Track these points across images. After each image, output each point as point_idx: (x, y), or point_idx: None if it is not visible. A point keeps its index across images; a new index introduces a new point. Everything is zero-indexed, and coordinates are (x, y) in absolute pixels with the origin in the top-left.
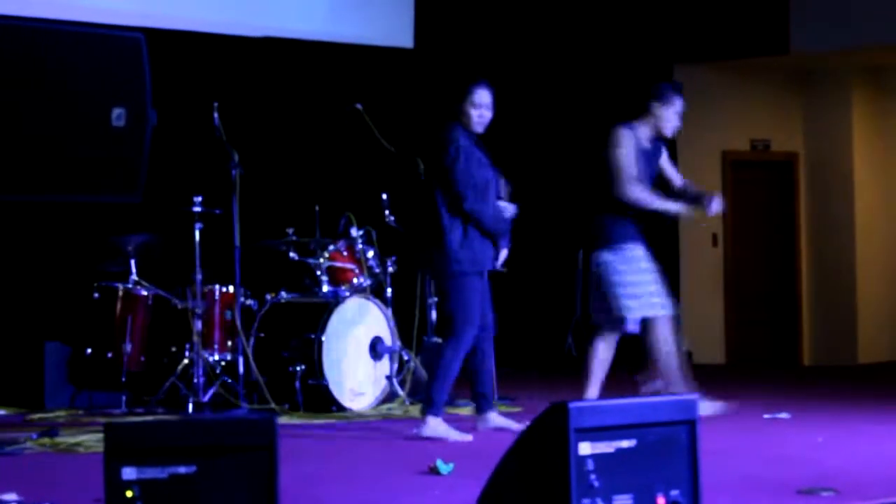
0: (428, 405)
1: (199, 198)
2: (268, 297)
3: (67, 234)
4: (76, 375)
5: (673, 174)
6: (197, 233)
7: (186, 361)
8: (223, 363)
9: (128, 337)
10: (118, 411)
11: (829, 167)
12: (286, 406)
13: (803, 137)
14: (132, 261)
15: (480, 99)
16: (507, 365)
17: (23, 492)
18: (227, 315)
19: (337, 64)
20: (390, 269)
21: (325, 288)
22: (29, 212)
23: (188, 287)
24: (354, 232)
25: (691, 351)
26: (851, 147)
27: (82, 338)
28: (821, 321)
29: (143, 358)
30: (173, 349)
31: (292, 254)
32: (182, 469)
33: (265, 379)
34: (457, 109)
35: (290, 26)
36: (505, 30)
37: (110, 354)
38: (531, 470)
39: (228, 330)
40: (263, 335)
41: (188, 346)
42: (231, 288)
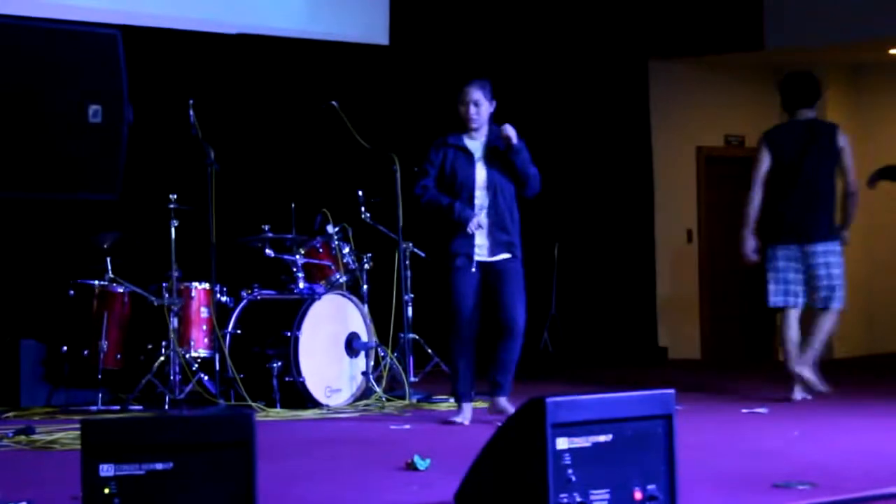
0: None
1: (175, 195)
2: (244, 294)
3: (43, 232)
4: (52, 373)
5: None
6: (173, 230)
7: (163, 359)
8: (199, 360)
9: (104, 334)
10: (94, 409)
11: None
12: (262, 403)
13: None
14: (108, 258)
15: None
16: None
17: None
18: (204, 312)
19: (312, 61)
20: (366, 266)
21: (302, 285)
22: (4, 209)
23: (164, 284)
24: (330, 229)
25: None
26: None
27: (58, 335)
28: None
29: (120, 355)
30: (149, 346)
31: (268, 251)
32: (159, 466)
33: (241, 376)
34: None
35: (266, 23)
36: (479, 26)
37: (86, 352)
38: (508, 465)
39: (205, 327)
40: (240, 332)
41: (164, 344)
42: (207, 285)
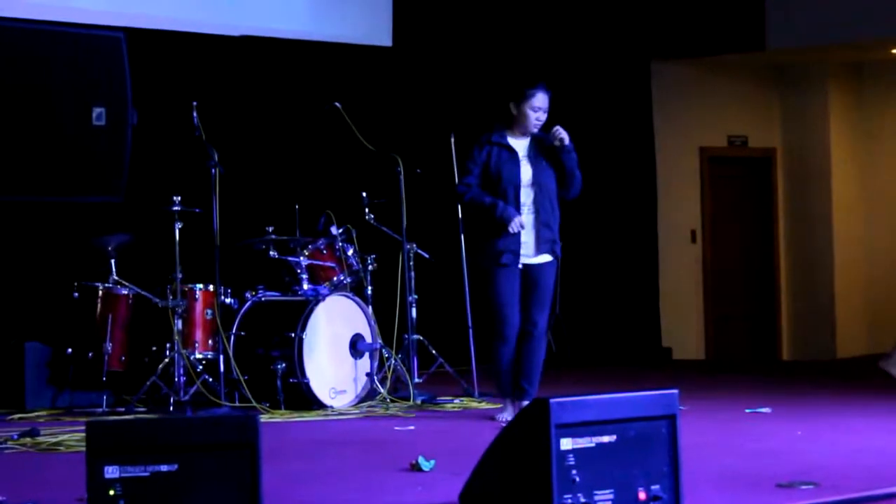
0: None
1: (179, 197)
2: (248, 296)
3: (47, 234)
4: (57, 375)
5: None
6: (177, 232)
7: (167, 360)
8: (204, 362)
9: (108, 336)
10: (99, 411)
11: (807, 163)
12: (267, 404)
13: (780, 133)
14: (112, 260)
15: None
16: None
17: (5, 491)
18: (208, 314)
19: (316, 63)
20: (370, 267)
21: (306, 286)
22: (9, 212)
23: (168, 286)
24: (334, 230)
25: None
26: (829, 143)
27: (63, 338)
28: (799, 316)
29: (124, 357)
30: (154, 348)
31: (272, 252)
32: (164, 467)
33: (246, 377)
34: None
35: (270, 25)
36: (482, 28)
37: (91, 354)
38: (513, 465)
39: (209, 329)
40: (244, 334)
41: (169, 346)
42: (211, 287)
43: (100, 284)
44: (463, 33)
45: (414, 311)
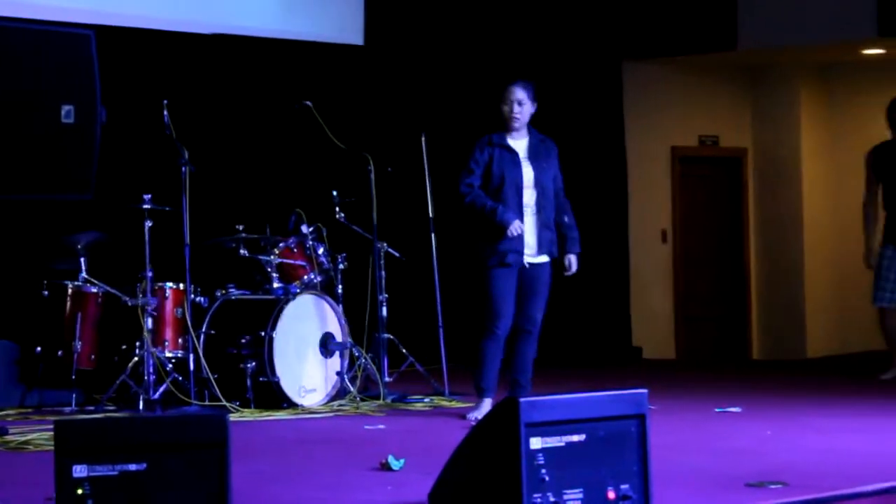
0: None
1: (150, 195)
2: (218, 294)
3: (16, 232)
4: (26, 374)
5: None
6: (147, 230)
7: (137, 359)
8: (174, 360)
9: (78, 335)
10: (68, 409)
11: (778, 163)
12: (237, 403)
13: (752, 133)
14: (82, 258)
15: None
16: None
17: None
18: (178, 312)
19: (287, 61)
20: (341, 266)
21: (276, 285)
22: None
23: (138, 284)
24: (305, 229)
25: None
26: (799, 143)
27: (32, 336)
28: (769, 316)
29: (94, 356)
30: (124, 347)
31: (242, 251)
32: (133, 466)
33: (216, 376)
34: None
35: (241, 23)
36: (454, 27)
37: (60, 352)
38: (482, 465)
39: (179, 327)
40: (214, 332)
41: (139, 344)
42: (181, 285)
43: (69, 283)
44: (435, 32)
45: (384, 310)
